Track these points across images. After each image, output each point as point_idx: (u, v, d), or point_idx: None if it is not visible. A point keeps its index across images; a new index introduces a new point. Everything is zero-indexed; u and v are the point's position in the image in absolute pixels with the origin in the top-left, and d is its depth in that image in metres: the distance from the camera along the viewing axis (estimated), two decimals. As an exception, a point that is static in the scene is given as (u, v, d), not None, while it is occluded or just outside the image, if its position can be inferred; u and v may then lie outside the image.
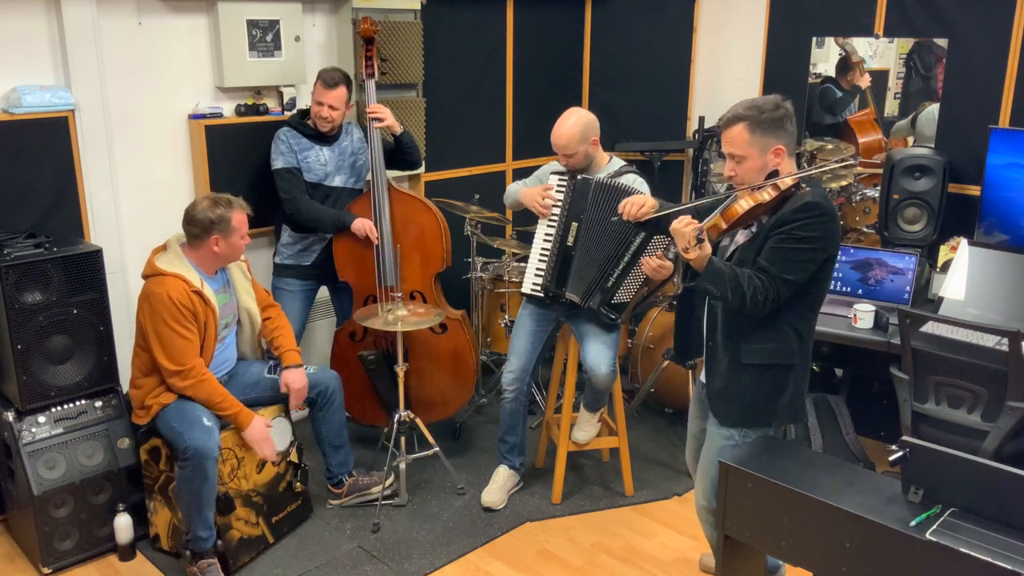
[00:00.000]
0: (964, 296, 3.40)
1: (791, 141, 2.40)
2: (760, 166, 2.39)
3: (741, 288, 2.34)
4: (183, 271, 3.01)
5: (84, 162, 3.39)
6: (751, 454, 2.35)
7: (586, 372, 3.38)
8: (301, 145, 3.67)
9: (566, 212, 3.34)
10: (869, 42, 4.31)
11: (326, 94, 3.60)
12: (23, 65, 3.25)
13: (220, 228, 3.02)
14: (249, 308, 3.28)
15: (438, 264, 3.81)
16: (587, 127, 3.28)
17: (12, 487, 3.20)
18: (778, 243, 2.35)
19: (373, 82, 3.71)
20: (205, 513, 2.99)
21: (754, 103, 2.40)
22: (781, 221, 2.34)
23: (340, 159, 3.75)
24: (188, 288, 2.98)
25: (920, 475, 1.97)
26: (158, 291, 2.94)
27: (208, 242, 3.04)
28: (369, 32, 3.68)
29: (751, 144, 2.37)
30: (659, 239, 3.21)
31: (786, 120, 2.38)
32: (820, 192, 2.37)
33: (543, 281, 3.40)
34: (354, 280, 3.81)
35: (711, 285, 2.37)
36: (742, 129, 2.38)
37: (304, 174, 3.67)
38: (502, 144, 4.92)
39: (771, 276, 2.34)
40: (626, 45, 5.09)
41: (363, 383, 3.82)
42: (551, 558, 3.26)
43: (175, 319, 2.94)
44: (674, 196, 5.13)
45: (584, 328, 3.42)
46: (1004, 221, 3.73)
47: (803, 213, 2.32)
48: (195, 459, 2.90)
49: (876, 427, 4.02)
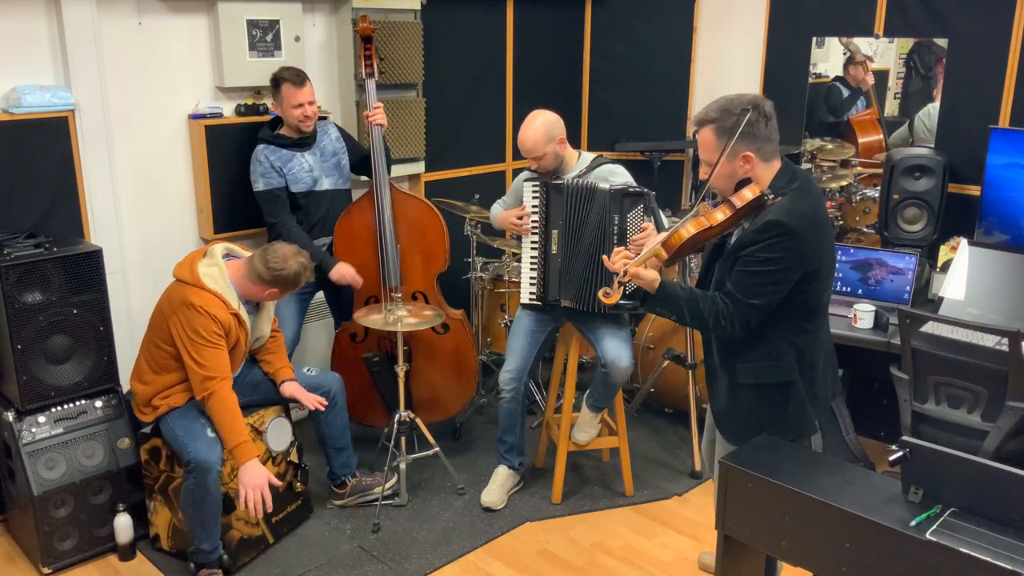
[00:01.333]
0: (964, 296, 3.40)
1: (765, 146, 2.25)
2: (728, 172, 2.27)
3: (700, 313, 2.25)
4: (225, 292, 3.00)
5: (84, 162, 3.39)
6: (751, 454, 2.35)
7: (605, 367, 3.38)
8: (282, 158, 3.58)
9: (544, 221, 3.37)
10: (869, 42, 4.31)
11: (299, 92, 3.52)
12: (23, 65, 3.25)
13: (285, 288, 3.05)
14: (261, 335, 3.28)
15: (440, 264, 3.81)
16: (551, 127, 3.31)
17: (12, 487, 3.20)
18: (743, 266, 2.25)
19: (373, 81, 3.70)
20: (209, 526, 2.99)
21: (724, 105, 2.25)
22: (745, 242, 2.24)
23: (323, 161, 3.70)
24: (228, 310, 2.99)
25: (920, 475, 1.96)
26: (199, 304, 2.92)
27: (264, 288, 3.04)
28: (367, 31, 3.68)
29: (717, 149, 2.25)
30: (633, 214, 3.25)
31: (757, 124, 2.21)
32: (786, 207, 2.22)
33: (537, 292, 3.43)
34: None
35: (663, 308, 2.29)
36: (709, 132, 2.26)
37: (292, 186, 3.60)
38: (502, 144, 4.92)
39: (736, 301, 2.25)
40: (626, 45, 5.09)
41: (364, 384, 3.82)
42: (551, 558, 3.26)
43: (213, 335, 2.93)
44: (674, 196, 5.13)
45: (594, 326, 3.43)
46: (1004, 221, 3.73)
47: (764, 234, 2.20)
48: (197, 472, 2.90)
49: (876, 427, 4.02)
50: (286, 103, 3.53)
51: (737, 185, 2.29)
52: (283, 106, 3.55)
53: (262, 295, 3.08)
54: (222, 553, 3.06)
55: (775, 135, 2.29)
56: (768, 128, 2.25)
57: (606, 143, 5.12)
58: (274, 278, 3.00)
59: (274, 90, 3.56)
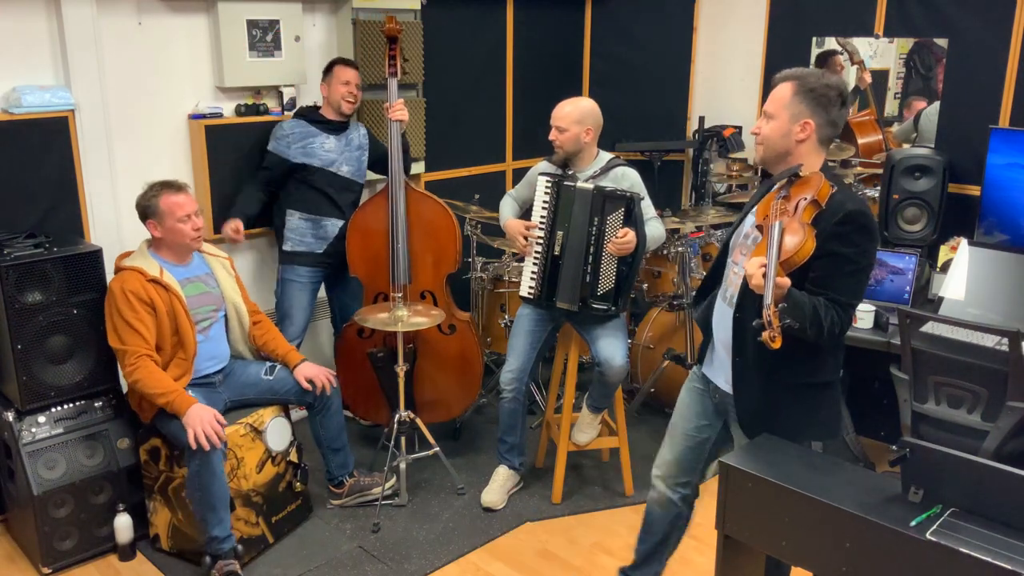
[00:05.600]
0: (964, 296, 3.40)
1: (827, 128, 2.27)
2: (784, 131, 2.27)
3: (819, 321, 2.14)
4: (141, 263, 3.05)
5: (84, 162, 3.39)
6: (751, 454, 2.35)
7: (599, 366, 3.39)
8: (307, 132, 3.70)
9: (552, 220, 3.38)
10: (869, 42, 4.31)
11: (349, 72, 3.70)
12: (23, 65, 3.25)
13: (151, 213, 3.07)
14: (236, 302, 3.28)
15: (451, 265, 3.81)
16: (588, 113, 3.39)
17: (12, 487, 3.20)
18: (838, 268, 2.16)
19: (395, 81, 3.72)
20: (219, 512, 2.98)
21: (811, 71, 2.30)
22: (828, 235, 2.15)
23: (347, 149, 3.78)
24: (144, 278, 3.00)
25: (920, 475, 1.96)
26: (113, 287, 3.00)
27: (148, 228, 3.09)
28: (393, 32, 3.69)
29: (787, 107, 2.26)
30: (613, 219, 3.28)
31: (831, 104, 2.24)
32: (853, 197, 2.20)
33: (535, 289, 3.43)
34: (365, 276, 3.80)
35: (790, 319, 2.07)
36: (787, 88, 2.27)
37: (301, 158, 3.69)
38: (502, 144, 4.92)
39: (843, 306, 2.18)
40: (626, 45, 5.10)
41: (368, 381, 3.82)
42: (551, 558, 3.26)
43: (127, 307, 2.96)
44: (674, 196, 5.13)
45: (590, 326, 3.44)
46: (1004, 221, 3.73)
47: (848, 225, 2.14)
48: (201, 453, 2.90)
49: (876, 427, 4.01)
50: (335, 80, 3.70)
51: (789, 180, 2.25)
52: (331, 84, 3.71)
53: (158, 238, 3.10)
54: (236, 544, 3.05)
55: (839, 126, 2.31)
56: (838, 113, 2.27)
57: (606, 143, 5.06)
58: (137, 209, 3.10)
59: (326, 74, 3.74)
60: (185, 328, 3.06)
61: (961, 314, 3.31)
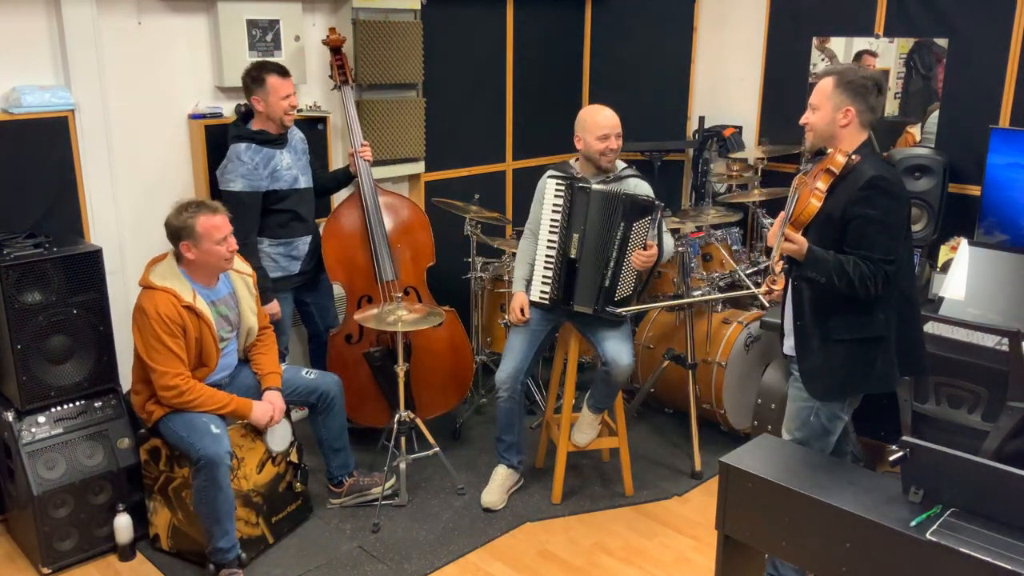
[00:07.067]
0: (964, 296, 3.40)
1: (866, 112, 2.56)
2: (828, 119, 2.57)
3: (847, 274, 2.43)
4: (175, 285, 2.97)
5: (84, 162, 3.39)
6: (751, 454, 2.35)
7: (606, 365, 3.40)
8: (266, 156, 3.44)
9: (567, 223, 3.37)
10: (869, 42, 4.31)
11: (287, 83, 3.43)
12: (23, 65, 3.25)
13: (186, 235, 2.97)
14: (250, 326, 3.25)
15: (429, 257, 3.88)
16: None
17: (12, 487, 3.20)
18: (863, 228, 2.45)
19: (349, 88, 3.71)
20: (224, 524, 2.99)
21: (849, 66, 2.64)
22: (854, 200, 2.45)
23: (297, 160, 3.62)
24: (178, 303, 2.95)
25: (920, 475, 1.96)
26: (147, 306, 2.93)
27: (181, 250, 3.00)
28: (336, 42, 3.74)
29: (829, 98, 2.56)
30: (639, 226, 3.28)
31: (868, 92, 2.54)
32: (876, 164, 2.48)
33: (550, 293, 3.43)
34: (346, 281, 3.80)
35: (814, 273, 2.47)
36: (829, 82, 2.57)
37: (275, 184, 3.48)
38: (502, 144, 4.92)
39: (874, 262, 2.44)
40: (626, 45, 5.09)
41: (362, 385, 3.82)
42: (551, 558, 3.26)
43: (166, 332, 2.92)
44: (674, 196, 5.13)
45: (595, 327, 3.44)
46: (1004, 221, 3.73)
47: (870, 190, 2.43)
48: (208, 468, 2.90)
49: (876, 427, 4.01)
50: (273, 95, 3.40)
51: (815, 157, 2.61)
52: (269, 99, 3.41)
53: (191, 261, 3.00)
54: (240, 552, 3.05)
55: (879, 110, 2.63)
56: (876, 100, 2.57)
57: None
58: (168, 230, 3.00)
59: (254, 85, 3.40)
60: (210, 352, 3.06)
61: (961, 314, 3.31)
